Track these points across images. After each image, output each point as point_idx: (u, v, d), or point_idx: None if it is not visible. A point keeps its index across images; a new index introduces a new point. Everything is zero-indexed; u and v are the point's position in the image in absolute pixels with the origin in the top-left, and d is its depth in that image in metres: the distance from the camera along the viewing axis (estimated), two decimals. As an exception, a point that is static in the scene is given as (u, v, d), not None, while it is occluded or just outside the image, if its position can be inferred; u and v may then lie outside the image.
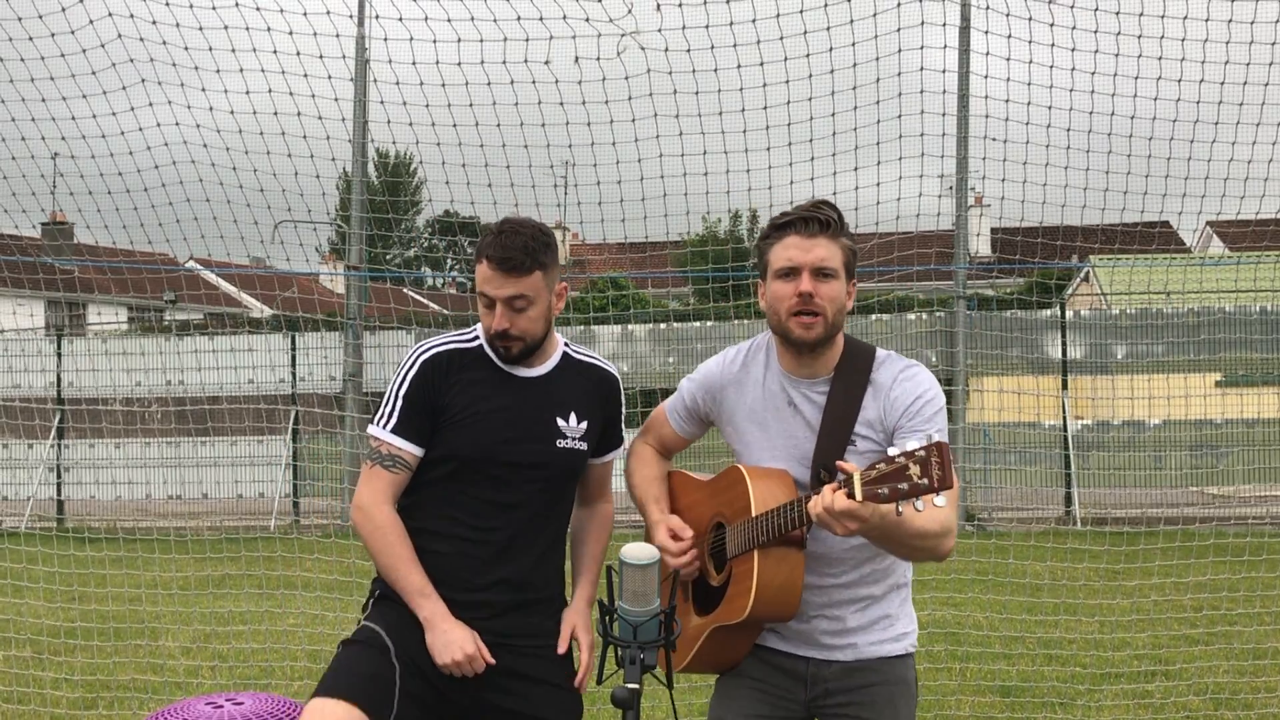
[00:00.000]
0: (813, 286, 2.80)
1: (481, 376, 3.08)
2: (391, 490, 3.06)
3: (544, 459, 3.06)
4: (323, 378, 13.01)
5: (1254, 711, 6.00)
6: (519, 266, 2.95)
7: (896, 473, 2.39)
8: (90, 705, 6.29)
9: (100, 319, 28.28)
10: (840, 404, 2.85)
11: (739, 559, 2.83)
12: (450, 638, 2.95)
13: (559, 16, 6.28)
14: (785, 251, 2.84)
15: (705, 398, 3.09)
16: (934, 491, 2.36)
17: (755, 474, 2.86)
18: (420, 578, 3.01)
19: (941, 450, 2.37)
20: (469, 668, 2.95)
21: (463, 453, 3.03)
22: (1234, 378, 12.90)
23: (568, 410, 3.11)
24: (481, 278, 3.00)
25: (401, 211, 25.62)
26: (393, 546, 3.03)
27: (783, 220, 2.88)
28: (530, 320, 3.01)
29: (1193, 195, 6.72)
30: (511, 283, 2.96)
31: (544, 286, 3.01)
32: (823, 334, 2.84)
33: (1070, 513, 12.51)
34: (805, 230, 2.83)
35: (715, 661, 2.98)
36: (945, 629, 7.42)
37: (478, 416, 3.04)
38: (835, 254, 2.84)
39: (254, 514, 13.48)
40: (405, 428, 3.04)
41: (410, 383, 3.06)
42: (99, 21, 6.34)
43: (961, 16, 7.77)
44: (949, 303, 12.10)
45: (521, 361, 3.08)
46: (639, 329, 13.33)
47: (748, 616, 2.77)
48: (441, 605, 2.99)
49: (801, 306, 2.81)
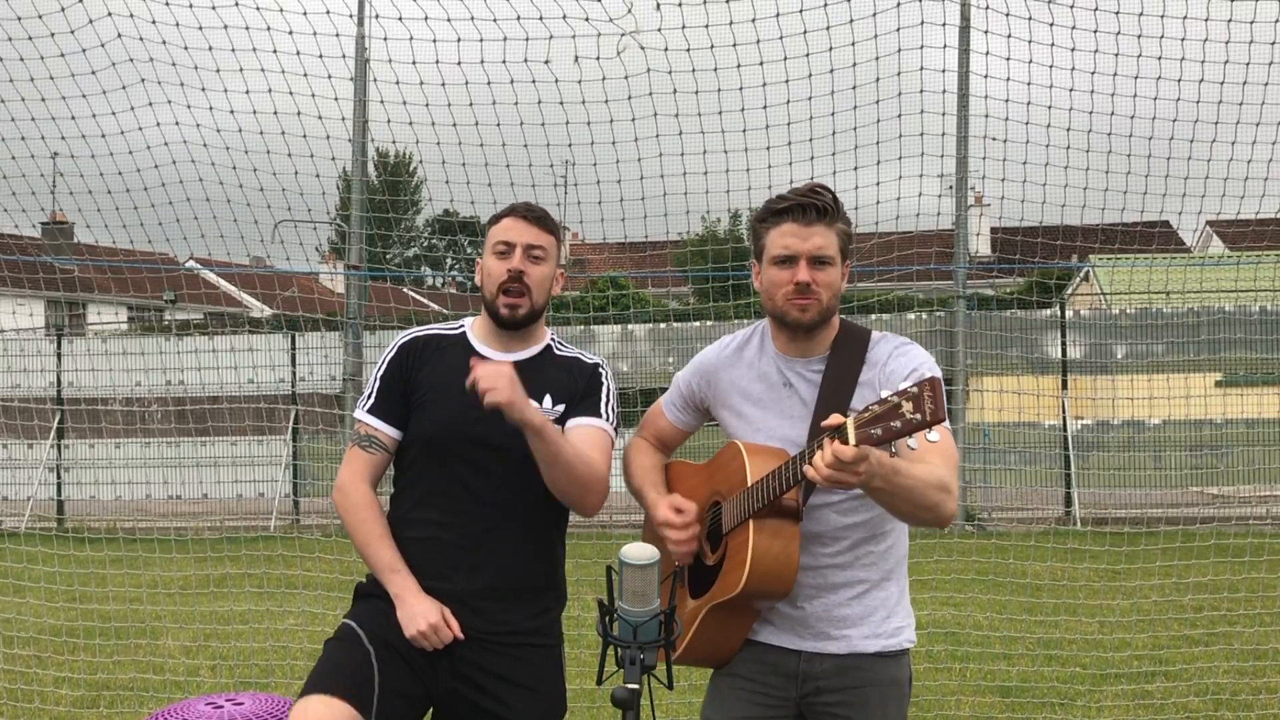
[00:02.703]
0: (810, 275, 2.81)
1: (456, 359, 3.10)
2: (369, 470, 3.13)
3: (509, 440, 3.01)
4: (323, 378, 13.01)
5: (1254, 712, 6.00)
6: (542, 220, 3.13)
7: (889, 411, 2.35)
8: (90, 705, 6.30)
9: (100, 319, 28.29)
10: (836, 381, 2.85)
11: (734, 533, 2.81)
12: (415, 610, 2.98)
13: (559, 16, 6.28)
14: (782, 239, 2.84)
15: (700, 382, 3.09)
16: (927, 426, 2.33)
17: (752, 449, 2.85)
18: (391, 554, 3.05)
19: (934, 385, 2.33)
20: (435, 638, 2.97)
21: (427, 430, 3.07)
22: (1234, 378, 12.89)
23: (543, 393, 3.10)
24: (503, 227, 3.12)
25: (401, 211, 25.62)
26: (366, 523, 3.08)
27: (780, 205, 2.87)
28: (540, 276, 3.11)
29: (1193, 195, 6.72)
30: (534, 233, 3.10)
31: (556, 253, 3.16)
32: (818, 317, 2.85)
33: (1070, 513, 12.51)
34: (803, 218, 2.83)
35: (712, 648, 2.94)
36: (945, 629, 7.42)
37: (441, 394, 3.07)
38: (831, 240, 2.84)
39: (254, 514, 13.48)
40: (380, 409, 3.13)
41: (387, 365, 3.16)
42: (99, 21, 6.34)
43: (961, 16, 7.75)
44: (949, 303, 12.10)
45: (523, 326, 3.12)
46: (639, 329, 13.33)
47: (742, 589, 2.73)
48: (412, 581, 3.02)
49: (798, 295, 2.82)
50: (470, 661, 3.03)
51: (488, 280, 3.12)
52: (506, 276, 3.07)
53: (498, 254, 3.10)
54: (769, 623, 2.92)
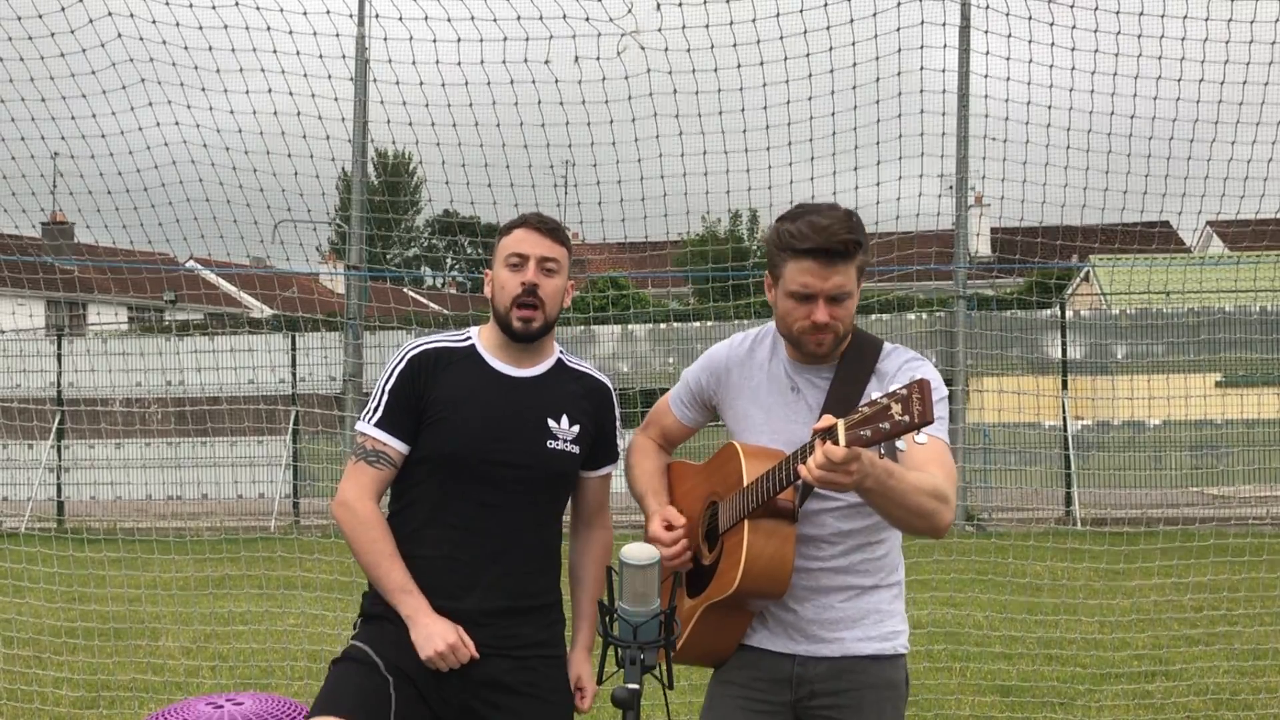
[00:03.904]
0: (828, 314, 2.76)
1: (469, 374, 3.06)
2: (375, 486, 3.04)
3: (532, 459, 3.02)
4: (323, 378, 13.00)
5: (1254, 712, 6.00)
6: (555, 232, 3.08)
7: (878, 413, 2.37)
8: (90, 705, 6.30)
9: (100, 319, 28.26)
10: (843, 390, 2.83)
11: (730, 533, 2.81)
12: (431, 630, 2.92)
13: (559, 16, 6.28)
14: (801, 276, 2.75)
15: (709, 379, 3.07)
16: (915, 428, 2.33)
17: (749, 450, 2.85)
18: (402, 574, 2.98)
19: (923, 387, 2.33)
20: (453, 658, 2.92)
21: (446, 449, 3.00)
22: (1234, 378, 12.89)
23: (559, 412, 3.08)
24: (516, 239, 3.05)
25: (401, 211, 25.63)
26: (375, 542, 3.00)
27: (804, 245, 2.73)
28: (554, 289, 3.05)
29: (1193, 195, 6.73)
30: (547, 245, 3.05)
31: (567, 265, 3.11)
32: (833, 345, 2.83)
33: (1070, 513, 12.51)
34: (825, 259, 2.72)
35: (708, 646, 2.95)
36: (945, 629, 7.42)
37: (461, 413, 3.01)
38: (851, 276, 2.77)
39: (254, 514, 13.48)
40: (390, 423, 3.03)
41: (396, 379, 3.06)
42: (99, 21, 6.34)
43: (961, 16, 7.76)
44: (949, 303, 12.10)
45: (535, 339, 3.07)
46: (639, 329, 13.33)
47: (737, 589, 2.73)
48: (424, 601, 2.96)
49: (814, 331, 2.79)
50: (482, 676, 2.99)
51: (500, 293, 3.04)
52: (521, 290, 3.00)
53: (510, 266, 3.03)
54: (763, 626, 2.92)
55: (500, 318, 3.06)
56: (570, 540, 3.29)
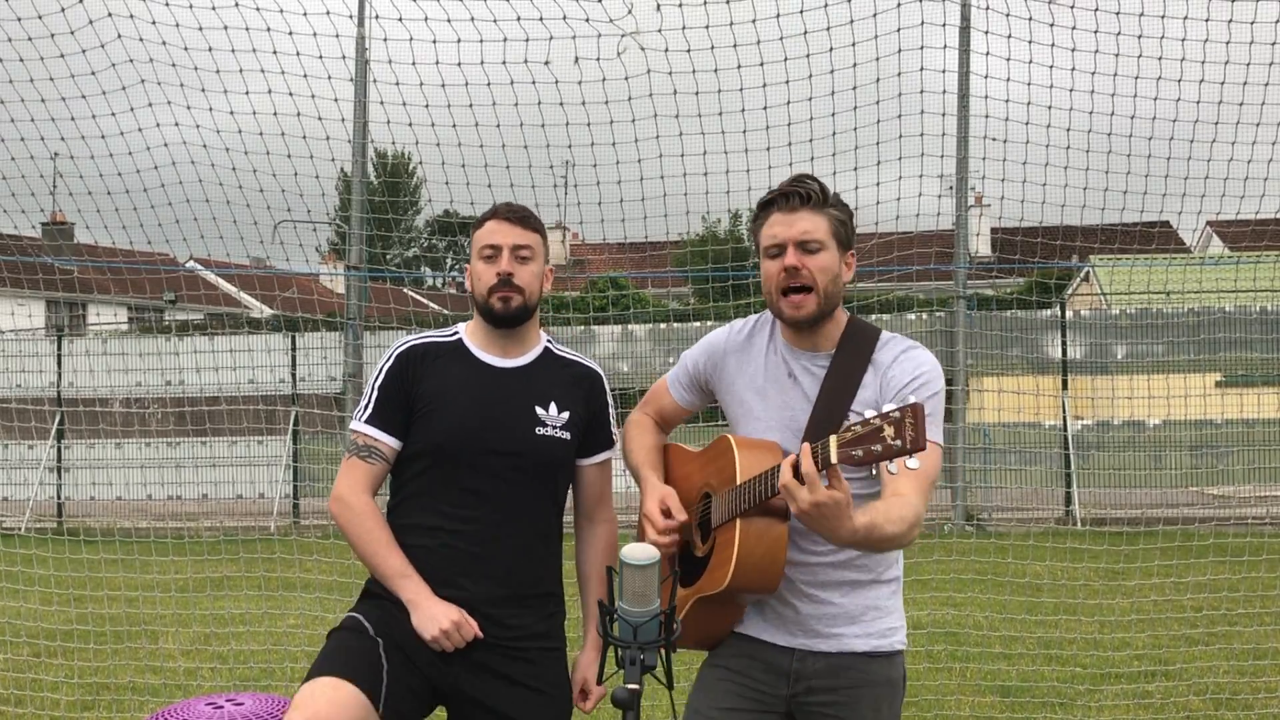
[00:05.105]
0: (798, 260, 2.79)
1: (457, 366, 3.12)
2: (369, 481, 3.10)
3: (521, 446, 3.05)
4: (323, 378, 13.02)
5: (1254, 711, 5.99)
6: (526, 220, 3.14)
7: (871, 434, 2.37)
8: (90, 706, 6.29)
9: (100, 319, 28.27)
10: (839, 378, 2.84)
11: (722, 528, 2.81)
12: (434, 611, 2.96)
13: (559, 16, 6.29)
14: (770, 229, 2.85)
15: (707, 364, 3.08)
16: (906, 453, 2.34)
17: (743, 443, 2.85)
18: (400, 560, 3.03)
19: (916, 412, 2.33)
20: (457, 637, 2.95)
21: (435, 439, 3.05)
22: (1234, 378, 12.89)
23: (547, 399, 3.12)
24: (488, 231, 3.12)
25: (401, 211, 25.62)
26: (371, 532, 3.05)
27: (766, 199, 2.89)
28: (530, 275, 3.10)
29: (1193, 195, 6.73)
30: (518, 233, 3.11)
31: (542, 251, 3.16)
32: (815, 310, 2.82)
33: (1070, 513, 12.51)
34: (786, 206, 2.84)
35: (701, 635, 2.96)
36: (945, 629, 7.42)
37: (449, 404, 3.06)
38: (820, 225, 2.82)
39: (254, 514, 13.47)
40: (380, 418, 3.10)
41: (385, 375, 3.13)
42: (99, 22, 6.34)
43: (961, 17, 7.76)
44: (949, 303, 12.10)
45: (518, 323, 3.12)
46: (639, 329, 13.33)
47: (727, 587, 2.74)
48: (424, 585, 3.00)
49: (789, 282, 2.80)
50: (483, 666, 3.02)
51: (477, 285, 3.12)
52: (496, 280, 3.07)
53: (485, 258, 3.10)
54: (761, 618, 2.92)
55: (480, 306, 3.13)
56: (575, 537, 3.31)
